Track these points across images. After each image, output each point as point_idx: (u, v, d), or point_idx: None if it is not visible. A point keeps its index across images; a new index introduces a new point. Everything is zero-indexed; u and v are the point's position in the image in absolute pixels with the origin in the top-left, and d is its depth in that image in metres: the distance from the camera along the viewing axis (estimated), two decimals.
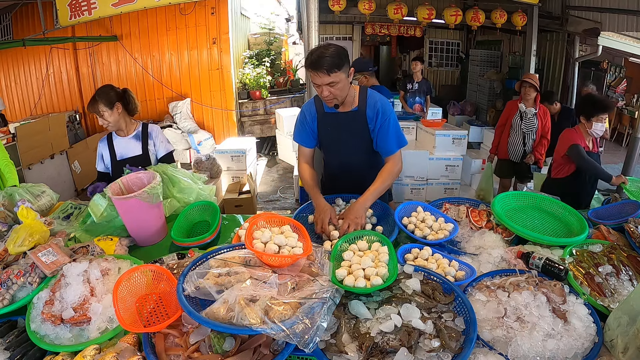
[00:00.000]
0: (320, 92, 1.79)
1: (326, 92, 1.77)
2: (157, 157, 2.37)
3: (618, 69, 7.88)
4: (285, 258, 1.23)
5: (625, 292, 1.30)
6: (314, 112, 2.00)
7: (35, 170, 4.69)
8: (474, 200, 2.00)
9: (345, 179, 2.08)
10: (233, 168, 4.82)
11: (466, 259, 1.55)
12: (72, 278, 1.28)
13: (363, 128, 1.95)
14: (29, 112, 6.92)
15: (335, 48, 1.74)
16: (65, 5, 4.88)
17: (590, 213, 1.89)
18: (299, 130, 2.05)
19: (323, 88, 1.76)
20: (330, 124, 1.98)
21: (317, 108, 1.99)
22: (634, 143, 4.86)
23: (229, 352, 1.01)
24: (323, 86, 1.75)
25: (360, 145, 2.00)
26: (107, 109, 2.17)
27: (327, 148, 2.09)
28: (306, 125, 2.02)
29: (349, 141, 1.99)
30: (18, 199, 1.92)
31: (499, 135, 4.02)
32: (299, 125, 2.05)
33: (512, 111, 3.86)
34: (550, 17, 5.68)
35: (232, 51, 6.40)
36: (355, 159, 2.04)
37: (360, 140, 1.98)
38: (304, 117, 2.02)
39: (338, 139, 2.00)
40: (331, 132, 1.99)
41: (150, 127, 2.36)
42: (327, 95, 1.78)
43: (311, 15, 3.60)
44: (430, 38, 9.57)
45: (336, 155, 2.08)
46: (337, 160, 2.09)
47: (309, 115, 2.01)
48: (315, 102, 2.01)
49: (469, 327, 1.11)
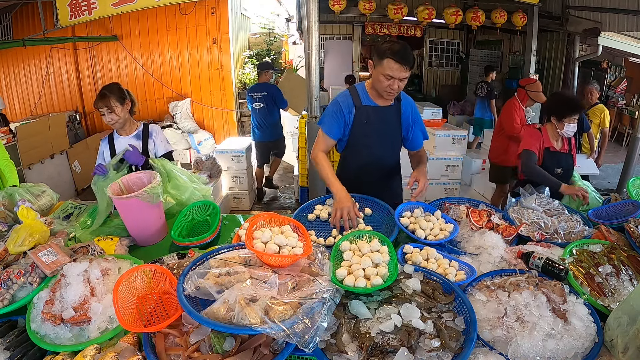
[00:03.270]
0: (390, 84, 1.81)
1: (396, 85, 1.81)
2: (156, 156, 2.37)
3: (618, 68, 7.89)
4: (285, 258, 1.23)
5: (625, 292, 1.30)
6: (351, 104, 1.99)
7: (36, 170, 4.70)
8: (474, 200, 2.01)
9: (371, 174, 2.09)
10: (233, 168, 4.81)
11: (466, 258, 1.55)
12: (72, 278, 1.28)
13: (397, 123, 2.04)
14: (29, 112, 6.92)
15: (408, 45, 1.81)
16: (65, 5, 4.88)
17: (590, 213, 1.89)
18: (331, 121, 2.01)
19: (395, 81, 1.79)
20: (368, 116, 1.99)
21: (354, 100, 1.99)
22: (634, 143, 4.87)
23: (229, 352, 1.01)
24: (397, 80, 1.79)
25: (392, 140, 2.08)
26: (118, 104, 2.19)
27: (357, 143, 2.06)
28: (340, 117, 2.00)
29: (383, 134, 2.03)
30: (18, 199, 1.91)
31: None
32: (331, 116, 2.00)
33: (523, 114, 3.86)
34: (550, 17, 5.68)
35: (232, 51, 6.40)
36: (385, 153, 2.10)
37: (392, 135, 2.06)
38: (339, 108, 1.99)
39: (373, 132, 2.02)
40: (367, 125, 2.00)
41: (150, 127, 2.37)
42: (395, 89, 1.83)
43: (311, 15, 3.60)
44: (431, 38, 9.57)
45: (366, 150, 2.07)
46: (366, 155, 2.07)
47: (346, 107, 1.99)
48: (351, 94, 2.00)
49: (469, 327, 1.11)
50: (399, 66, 1.75)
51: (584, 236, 1.70)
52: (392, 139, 2.07)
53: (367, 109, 1.98)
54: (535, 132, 2.56)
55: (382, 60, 1.79)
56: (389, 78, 1.79)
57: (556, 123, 2.47)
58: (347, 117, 2.00)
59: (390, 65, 1.76)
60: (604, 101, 7.65)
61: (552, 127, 2.51)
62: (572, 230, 1.76)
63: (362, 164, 2.09)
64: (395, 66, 1.75)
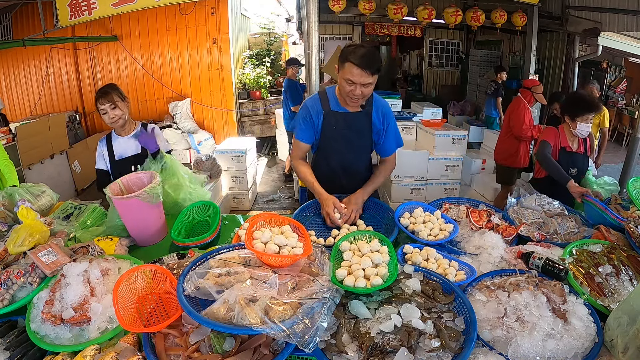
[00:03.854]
0: (352, 90, 1.74)
1: (359, 91, 1.74)
2: None
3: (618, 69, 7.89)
4: (285, 258, 1.23)
5: (625, 292, 1.30)
6: (320, 109, 1.95)
7: (35, 170, 4.69)
8: (474, 201, 2.00)
9: (341, 179, 2.06)
10: (233, 168, 4.81)
11: (466, 259, 1.55)
12: (72, 278, 1.28)
13: (368, 129, 1.97)
14: (29, 112, 6.91)
15: (375, 49, 1.74)
16: (65, 5, 4.88)
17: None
18: (301, 127, 1.99)
19: (357, 86, 1.72)
20: (336, 122, 1.95)
21: (323, 105, 1.94)
22: (634, 143, 4.86)
23: (229, 352, 1.01)
24: (359, 85, 1.72)
25: (362, 146, 2.01)
26: (120, 100, 2.20)
27: (327, 147, 2.05)
28: (309, 122, 1.96)
29: (352, 141, 1.98)
30: (18, 199, 1.91)
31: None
32: (301, 122, 1.98)
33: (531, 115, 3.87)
34: (550, 17, 5.68)
35: (232, 51, 6.40)
36: (355, 159, 2.04)
37: (363, 141, 2.00)
38: (308, 113, 1.96)
39: (342, 138, 1.98)
40: (336, 131, 1.97)
41: (149, 126, 2.37)
42: (358, 95, 1.75)
43: (311, 15, 3.60)
44: (430, 38, 9.56)
45: (336, 155, 2.05)
46: (336, 160, 2.05)
47: (314, 113, 1.95)
48: (320, 99, 1.95)
49: (469, 327, 1.11)
50: (360, 71, 1.67)
51: (583, 236, 1.70)
52: (361, 145, 2.01)
53: (336, 114, 1.93)
54: (553, 129, 2.61)
55: (344, 64, 1.72)
56: (351, 83, 1.72)
57: (570, 122, 2.51)
58: (316, 122, 1.96)
59: (351, 69, 1.69)
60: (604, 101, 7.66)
61: (567, 126, 2.55)
62: (571, 230, 1.76)
63: (332, 168, 2.06)
64: (356, 71, 1.68)
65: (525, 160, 3.98)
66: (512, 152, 3.95)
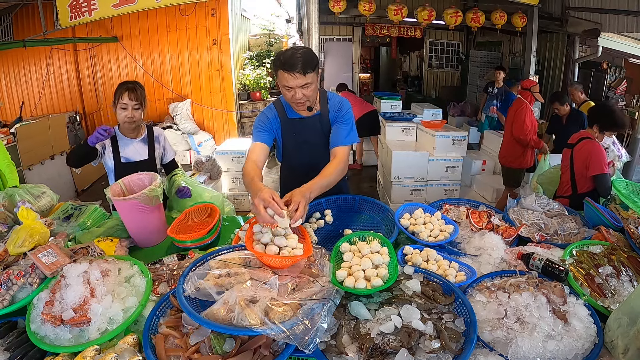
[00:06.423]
0: (292, 95, 1.70)
1: (300, 94, 1.69)
2: (164, 162, 2.36)
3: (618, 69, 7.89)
4: (285, 259, 1.23)
5: (626, 293, 1.30)
6: (277, 117, 1.91)
7: (36, 171, 4.70)
8: (475, 202, 2.00)
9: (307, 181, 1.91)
10: (233, 169, 4.81)
11: (466, 260, 1.55)
12: (72, 279, 1.28)
13: (327, 131, 1.92)
14: (29, 113, 6.92)
15: (305, 49, 1.69)
16: (65, 6, 4.89)
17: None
18: (260, 131, 1.87)
19: (297, 90, 1.68)
20: (294, 128, 1.92)
21: (279, 114, 1.91)
22: (634, 143, 4.87)
23: (229, 353, 1.01)
24: (297, 88, 1.67)
25: (323, 148, 1.94)
26: (144, 103, 2.16)
27: (291, 154, 2.01)
28: (267, 125, 1.89)
29: (313, 145, 1.95)
30: (18, 200, 1.91)
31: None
32: (259, 126, 1.89)
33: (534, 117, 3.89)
34: (550, 18, 5.70)
35: (233, 52, 6.40)
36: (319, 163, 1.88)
37: (323, 144, 1.94)
38: (266, 117, 1.90)
39: (303, 143, 1.95)
40: (295, 137, 1.94)
41: (155, 131, 2.33)
42: (300, 98, 1.70)
43: (311, 16, 3.61)
44: (431, 39, 9.58)
45: (300, 160, 2.01)
46: (301, 166, 2.01)
47: (273, 118, 1.91)
48: (276, 108, 1.92)
49: (469, 328, 1.11)
50: (288, 75, 1.64)
51: (584, 237, 1.70)
52: (322, 148, 1.95)
53: (293, 121, 1.91)
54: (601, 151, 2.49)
55: (277, 72, 1.70)
56: (288, 89, 1.70)
57: (597, 131, 2.56)
58: (275, 128, 1.92)
59: (281, 76, 1.67)
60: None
61: (593, 134, 2.60)
62: (572, 231, 1.76)
63: (298, 174, 1.94)
64: (285, 76, 1.65)
65: (531, 159, 3.98)
66: (518, 154, 3.96)
